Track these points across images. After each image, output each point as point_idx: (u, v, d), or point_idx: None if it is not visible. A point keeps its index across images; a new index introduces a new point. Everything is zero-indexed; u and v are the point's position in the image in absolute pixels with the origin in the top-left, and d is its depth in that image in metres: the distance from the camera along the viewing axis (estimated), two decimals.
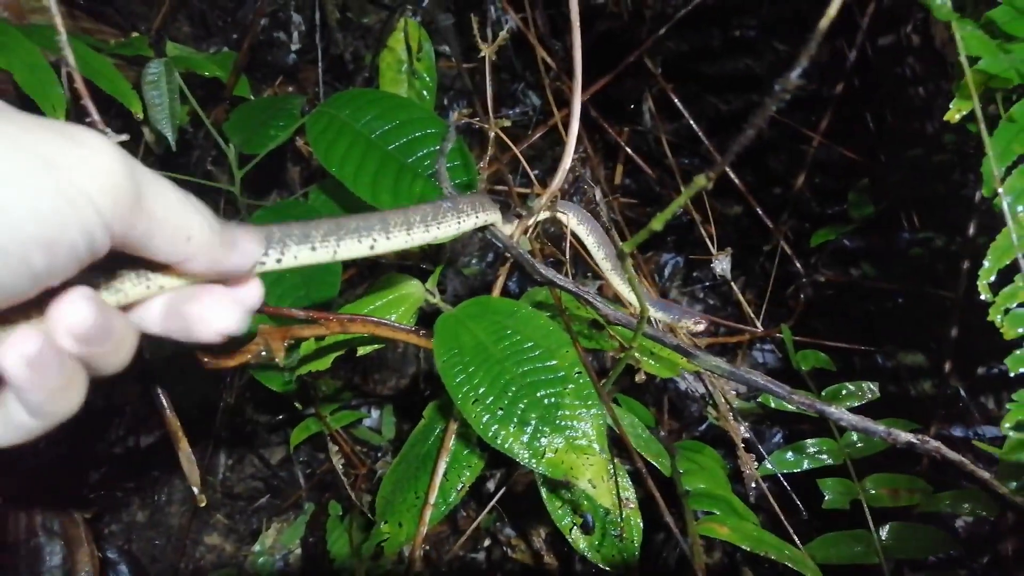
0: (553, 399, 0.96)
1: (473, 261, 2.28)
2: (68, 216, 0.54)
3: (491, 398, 0.96)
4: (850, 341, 1.93)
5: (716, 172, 0.55)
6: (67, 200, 0.53)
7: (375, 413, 2.19)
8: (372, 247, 0.85)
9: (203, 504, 1.08)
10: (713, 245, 1.79)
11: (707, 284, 2.28)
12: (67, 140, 0.55)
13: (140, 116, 1.29)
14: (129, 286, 0.66)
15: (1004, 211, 0.75)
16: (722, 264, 1.68)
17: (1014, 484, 0.80)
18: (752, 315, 1.88)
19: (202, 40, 2.39)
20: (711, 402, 1.58)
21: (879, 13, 1.88)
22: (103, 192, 0.55)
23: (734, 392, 1.95)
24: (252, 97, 1.88)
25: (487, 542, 2.01)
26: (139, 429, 2.19)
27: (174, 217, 0.62)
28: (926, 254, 1.95)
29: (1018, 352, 0.76)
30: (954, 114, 0.79)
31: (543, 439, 0.93)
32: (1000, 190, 0.75)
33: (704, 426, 2.07)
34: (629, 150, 2.12)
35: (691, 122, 2.03)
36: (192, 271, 0.67)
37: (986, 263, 0.77)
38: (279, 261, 0.78)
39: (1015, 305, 0.76)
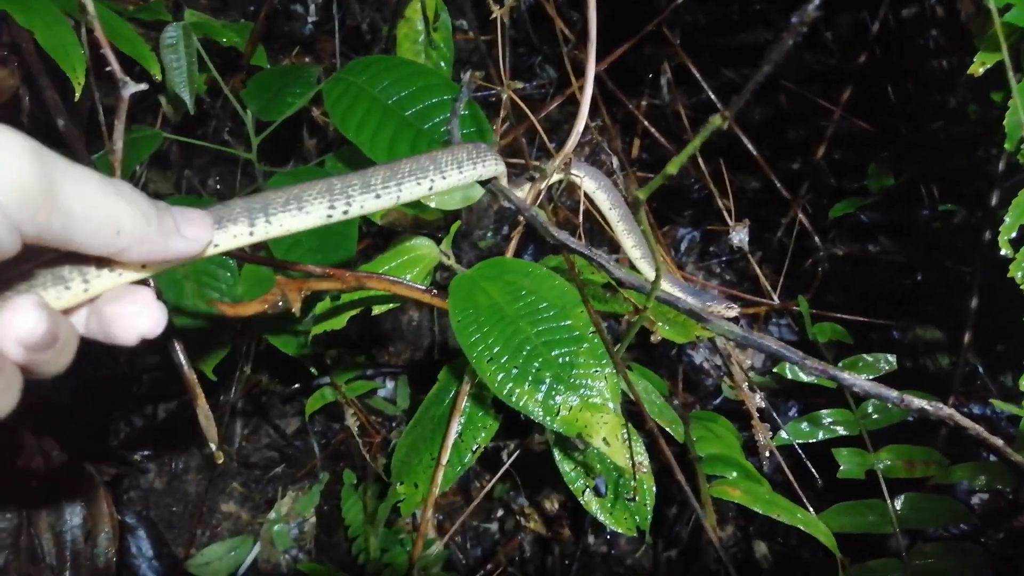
0: (567, 358, 0.96)
1: (488, 234, 2.28)
2: None
3: (506, 357, 0.96)
4: (867, 315, 1.91)
5: (732, 110, 0.54)
6: None
7: (390, 384, 2.20)
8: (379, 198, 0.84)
9: (220, 461, 1.10)
10: (730, 217, 1.78)
11: (724, 259, 2.27)
12: None
13: (159, 78, 1.29)
14: (74, 287, 0.64)
15: None
16: (740, 235, 1.66)
17: None
18: (769, 288, 1.86)
19: (219, 12, 2.39)
20: (726, 372, 1.58)
21: None
22: (8, 191, 0.53)
23: (749, 363, 1.94)
24: (269, 66, 1.88)
25: (500, 512, 2.02)
26: (157, 398, 2.21)
27: (97, 211, 0.59)
28: (946, 228, 1.93)
29: None
30: (978, 67, 0.78)
31: (558, 397, 0.94)
32: None
33: (719, 400, 2.06)
34: (647, 123, 2.11)
35: (710, 94, 2.01)
36: (129, 261, 0.65)
37: (1007, 219, 0.76)
38: (237, 237, 0.74)
39: None
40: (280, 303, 0.78)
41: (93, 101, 1.29)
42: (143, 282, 0.69)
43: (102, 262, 0.65)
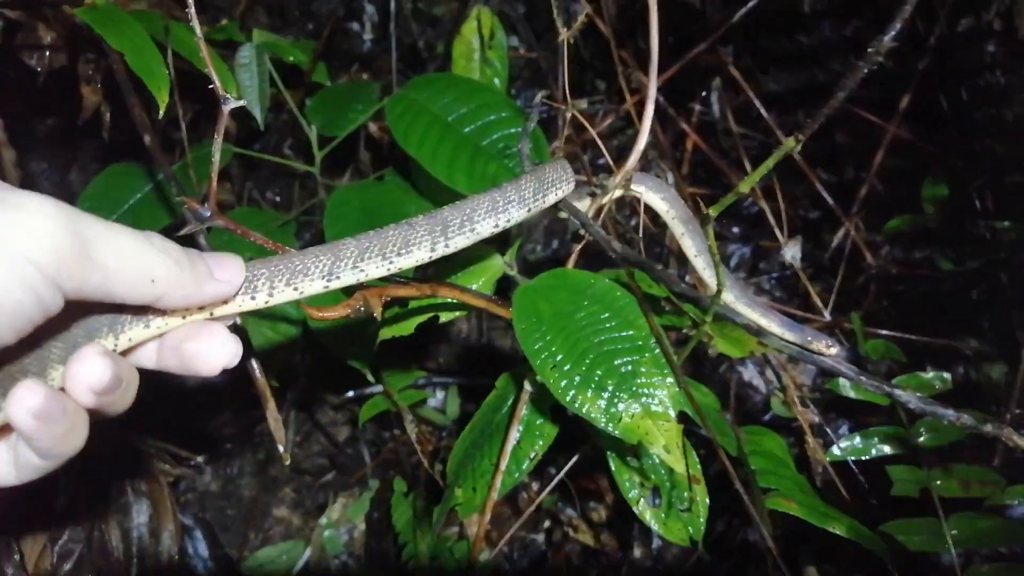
0: (630, 367, 0.98)
1: (538, 247, 2.32)
2: (7, 278, 0.57)
3: (568, 365, 0.99)
4: (921, 333, 1.90)
5: (807, 132, 0.57)
6: (6, 263, 0.56)
7: (440, 394, 2.24)
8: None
9: (288, 462, 1.14)
10: (783, 233, 1.79)
11: (774, 275, 2.27)
12: (4, 204, 0.58)
13: (236, 97, 1.35)
14: (132, 331, 0.71)
15: None
16: (792, 251, 1.68)
17: None
18: (820, 305, 1.87)
19: (278, 30, 2.48)
20: (778, 387, 1.59)
21: None
22: (43, 252, 0.58)
23: (801, 380, 1.94)
24: (329, 83, 1.95)
25: (548, 523, 2.04)
26: (215, 405, 2.28)
27: (131, 264, 0.64)
28: (1001, 244, 1.91)
29: None
30: None
31: (620, 404, 0.96)
32: None
33: (768, 416, 2.06)
34: (696, 138, 2.13)
35: (762, 111, 2.02)
36: (167, 307, 0.70)
37: None
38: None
39: None
40: (362, 308, 0.82)
41: (173, 117, 1.36)
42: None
43: (148, 310, 0.71)
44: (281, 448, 1.13)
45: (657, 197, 1.15)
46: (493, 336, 2.37)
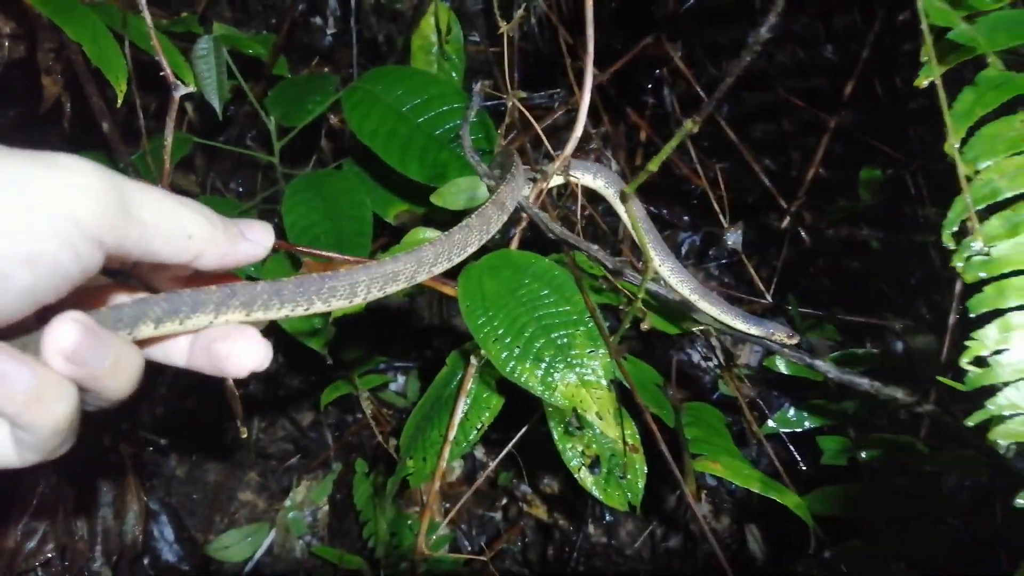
0: (565, 339, 1.06)
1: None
2: (44, 231, 0.58)
3: (509, 338, 1.06)
4: (859, 315, 2.00)
5: (703, 114, 0.64)
6: (43, 216, 0.58)
7: (400, 379, 2.30)
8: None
9: (245, 435, 1.20)
10: (726, 219, 1.88)
11: (722, 262, 2.36)
12: (43, 163, 0.60)
13: (194, 87, 1.40)
14: (163, 325, 0.70)
15: (960, 167, 0.84)
16: (734, 236, 1.76)
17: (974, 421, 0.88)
18: (763, 288, 1.96)
19: (241, 24, 2.51)
20: (720, 366, 1.67)
21: None
22: (82, 206, 0.59)
23: (744, 361, 2.04)
24: (289, 76, 2.00)
25: (504, 500, 2.11)
26: (178, 389, 2.32)
27: (168, 219, 0.66)
28: (933, 232, 2.01)
29: (977, 295, 0.85)
30: (922, 80, 0.88)
31: (556, 374, 1.03)
32: (958, 149, 0.85)
33: (716, 396, 2.15)
34: (649, 131, 2.21)
35: (706, 98, 2.10)
36: (205, 266, 0.71)
37: (950, 214, 0.86)
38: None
39: (974, 253, 0.85)
40: None
41: (134, 107, 1.40)
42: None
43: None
44: (239, 423, 1.18)
45: (601, 182, 1.22)
46: (453, 324, 2.44)
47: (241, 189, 2.34)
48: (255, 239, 0.75)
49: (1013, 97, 0.89)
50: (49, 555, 1.50)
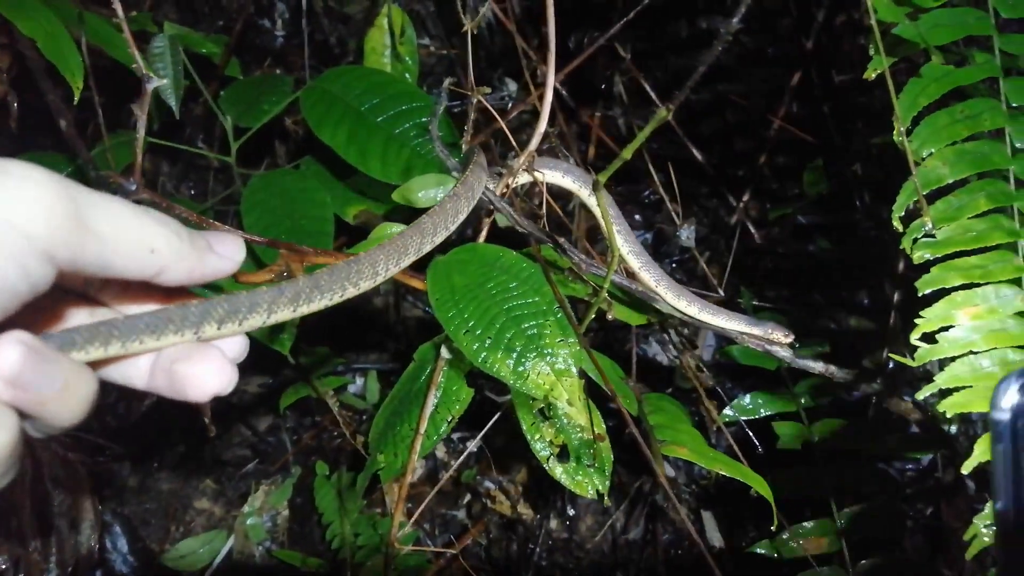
0: (535, 330, 1.08)
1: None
2: None
3: (480, 329, 1.08)
4: (806, 307, 2.08)
5: (675, 103, 0.67)
6: None
7: (359, 380, 2.30)
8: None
9: (213, 433, 1.19)
10: (679, 218, 1.93)
11: (675, 258, 2.42)
12: None
13: (164, 81, 1.39)
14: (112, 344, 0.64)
15: (908, 155, 0.89)
16: (686, 232, 1.81)
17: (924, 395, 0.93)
18: (715, 282, 2.02)
19: (188, 26, 2.48)
20: (677, 358, 1.72)
21: None
22: (32, 219, 0.54)
23: (700, 354, 2.09)
24: (241, 77, 1.98)
25: (468, 497, 2.12)
26: (131, 398, 2.27)
27: (128, 232, 0.61)
28: (875, 228, 2.11)
29: (925, 276, 0.91)
30: (871, 72, 0.93)
31: (527, 363, 1.06)
32: (906, 137, 0.90)
33: (670, 390, 2.21)
34: (601, 133, 2.25)
35: (658, 102, 2.16)
36: (169, 282, 0.66)
37: (898, 199, 0.92)
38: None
39: (921, 235, 0.90)
40: (285, 273, 0.89)
41: (89, 105, 1.38)
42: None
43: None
44: (207, 420, 1.17)
45: (569, 179, 1.25)
46: (411, 325, 2.44)
47: (193, 192, 2.31)
48: (224, 253, 0.70)
49: (952, 89, 0.96)
50: (2, 566, 1.46)
